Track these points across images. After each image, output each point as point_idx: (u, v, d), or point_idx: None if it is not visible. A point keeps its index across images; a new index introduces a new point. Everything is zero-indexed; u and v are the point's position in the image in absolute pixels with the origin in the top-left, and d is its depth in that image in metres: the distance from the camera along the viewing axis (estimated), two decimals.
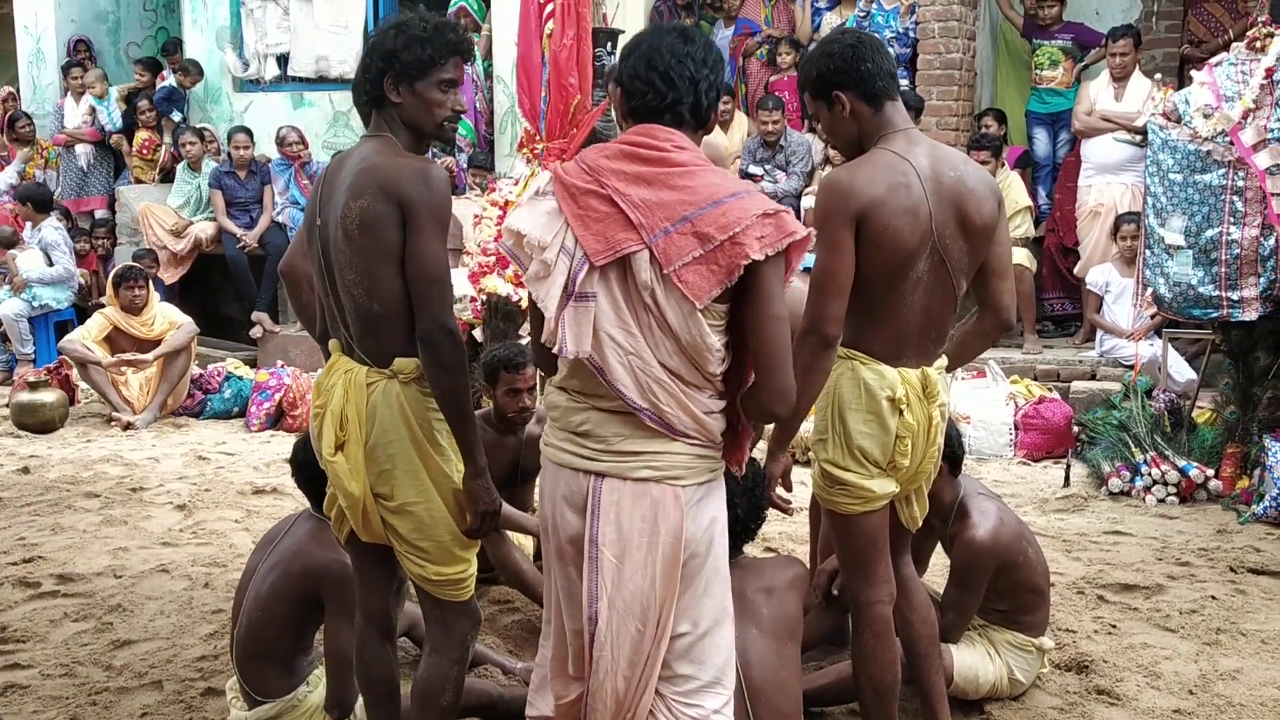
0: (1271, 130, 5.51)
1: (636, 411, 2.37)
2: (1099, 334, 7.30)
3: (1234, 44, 5.95)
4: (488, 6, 9.29)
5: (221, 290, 9.67)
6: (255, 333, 8.82)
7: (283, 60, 10.18)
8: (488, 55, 9.21)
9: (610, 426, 2.41)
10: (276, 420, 7.47)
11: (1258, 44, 5.66)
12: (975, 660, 3.49)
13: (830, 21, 8.95)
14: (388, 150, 2.73)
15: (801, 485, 3.60)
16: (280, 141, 9.12)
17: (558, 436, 2.49)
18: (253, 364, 8.42)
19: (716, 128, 2.69)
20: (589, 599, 2.44)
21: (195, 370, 7.96)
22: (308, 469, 3.15)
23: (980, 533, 3.38)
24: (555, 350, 2.39)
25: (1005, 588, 3.49)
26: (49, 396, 7.52)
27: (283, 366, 7.78)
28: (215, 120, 10.24)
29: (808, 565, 3.52)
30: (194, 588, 4.57)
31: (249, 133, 9.16)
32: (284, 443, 7.01)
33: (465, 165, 9.11)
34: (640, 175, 2.37)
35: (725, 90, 2.48)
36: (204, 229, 9.12)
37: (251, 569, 3.46)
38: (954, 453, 3.39)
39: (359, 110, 2.83)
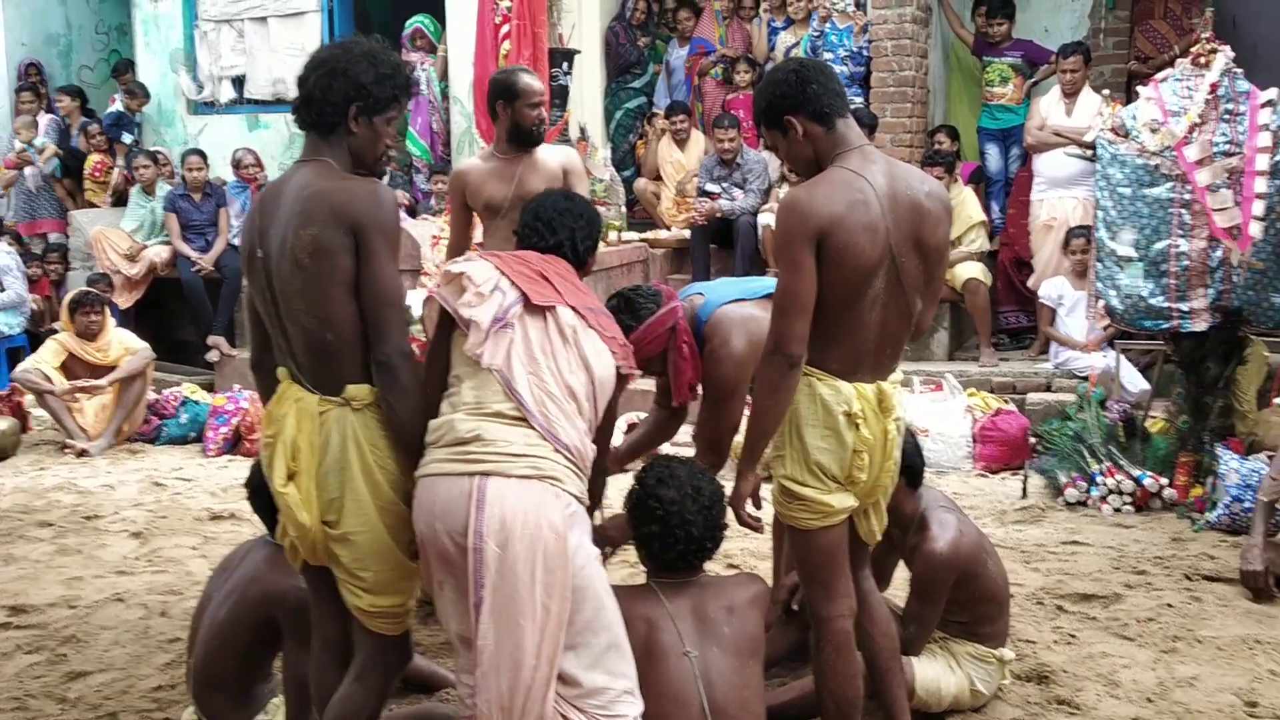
0: (1217, 145, 5.61)
1: (529, 417, 2.64)
2: (1053, 346, 7.38)
3: (1179, 60, 6.05)
4: (443, 27, 9.30)
5: (177, 314, 9.56)
6: (212, 356, 8.73)
7: (238, 83, 10.13)
8: (444, 76, 9.21)
9: (502, 434, 2.62)
10: (234, 445, 7.39)
11: (1202, 60, 5.76)
12: (937, 672, 3.51)
13: (785, 41, 9.03)
14: (331, 174, 2.72)
15: (766, 502, 3.61)
16: (236, 164, 9.07)
17: (438, 455, 2.64)
18: (209, 388, 8.33)
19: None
20: (474, 588, 2.53)
21: (151, 395, 7.87)
22: (263, 494, 3.13)
23: (940, 545, 3.40)
24: (472, 354, 2.67)
25: (965, 599, 3.51)
26: (0, 424, 7.41)
27: (240, 390, 7.70)
28: (169, 143, 10.16)
29: (771, 582, 3.53)
30: (150, 616, 4.51)
31: (203, 155, 9.08)
32: (242, 467, 6.94)
33: (423, 185, 9.10)
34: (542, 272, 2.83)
35: (596, 240, 3.07)
36: (158, 253, 9.02)
37: (208, 596, 3.42)
38: (913, 465, 3.42)
39: (300, 126, 2.80)
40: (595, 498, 3.01)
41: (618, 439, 3.76)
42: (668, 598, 2.84)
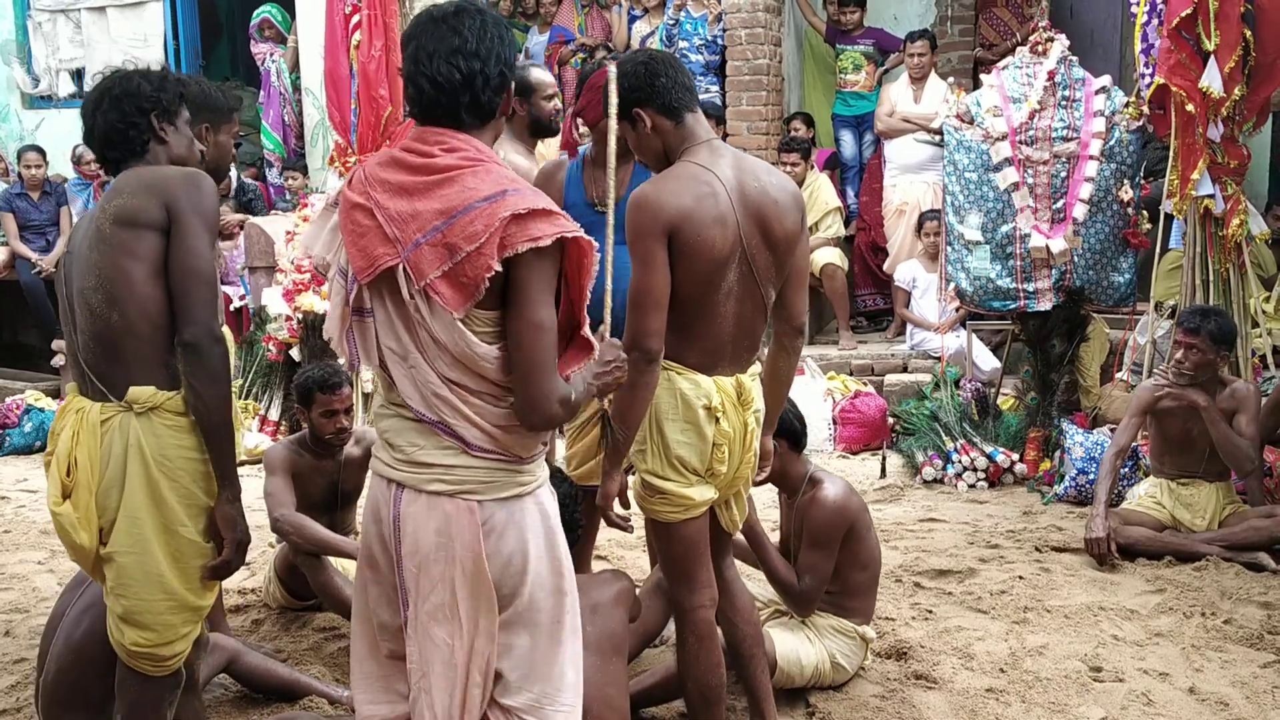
0: (1055, 130, 5.82)
1: (428, 425, 2.30)
2: (909, 328, 7.57)
3: (1019, 48, 6.27)
4: (293, 18, 9.06)
5: (17, 318, 9.16)
6: (57, 361, 8.37)
7: (77, 75, 9.71)
8: (295, 68, 8.98)
9: (407, 435, 2.33)
10: None
11: (1040, 48, 5.98)
12: (796, 644, 3.58)
13: (640, 30, 9.05)
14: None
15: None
16: (77, 160, 8.70)
17: (379, 444, 2.41)
18: (55, 394, 7.99)
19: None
20: (400, 605, 2.37)
21: None
22: None
23: (833, 494, 3.53)
24: (347, 367, 2.38)
25: (844, 562, 3.58)
26: None
27: None
28: (3, 139, 9.70)
29: (649, 570, 3.53)
30: None
31: (41, 151, 8.69)
32: None
33: (276, 179, 8.87)
34: (402, 185, 2.27)
35: (511, 67, 2.34)
36: None
37: (60, 612, 3.28)
38: (794, 430, 3.52)
39: (114, 171, 2.71)
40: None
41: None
42: None
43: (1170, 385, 4.75)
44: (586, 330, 2.40)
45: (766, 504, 5.05)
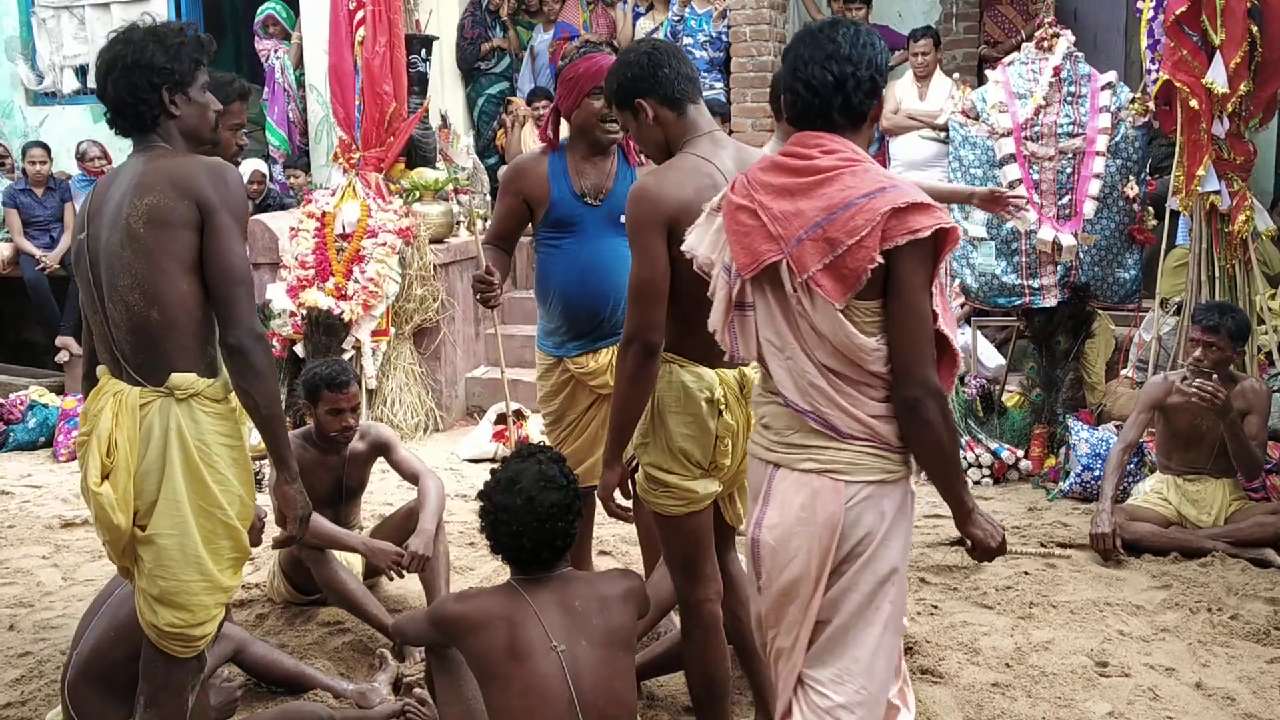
0: (1061, 126, 5.81)
1: (800, 414, 2.39)
2: None
3: (1025, 44, 6.26)
4: (297, 14, 9.06)
5: (21, 315, 9.15)
6: (61, 358, 8.37)
7: (81, 72, 9.72)
8: (299, 64, 8.98)
9: (783, 420, 2.44)
10: None
11: (1045, 44, 5.97)
12: None
13: (644, 26, 9.04)
14: (170, 154, 2.63)
15: None
16: (81, 156, 8.68)
17: (756, 429, 2.55)
18: (59, 390, 7.99)
19: None
20: (753, 575, 2.50)
21: None
22: None
23: None
24: (727, 357, 2.53)
25: None
26: None
27: None
28: (8, 135, 9.70)
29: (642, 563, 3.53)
30: None
31: (46, 147, 8.69)
32: None
33: (279, 176, 8.86)
34: (785, 187, 2.39)
35: (883, 71, 2.44)
36: None
37: (108, 593, 3.27)
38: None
39: (123, 134, 2.69)
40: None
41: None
42: (530, 594, 2.79)
43: (1200, 395, 4.62)
44: (955, 342, 2.44)
45: None
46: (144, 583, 2.62)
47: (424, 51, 8.04)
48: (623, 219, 3.71)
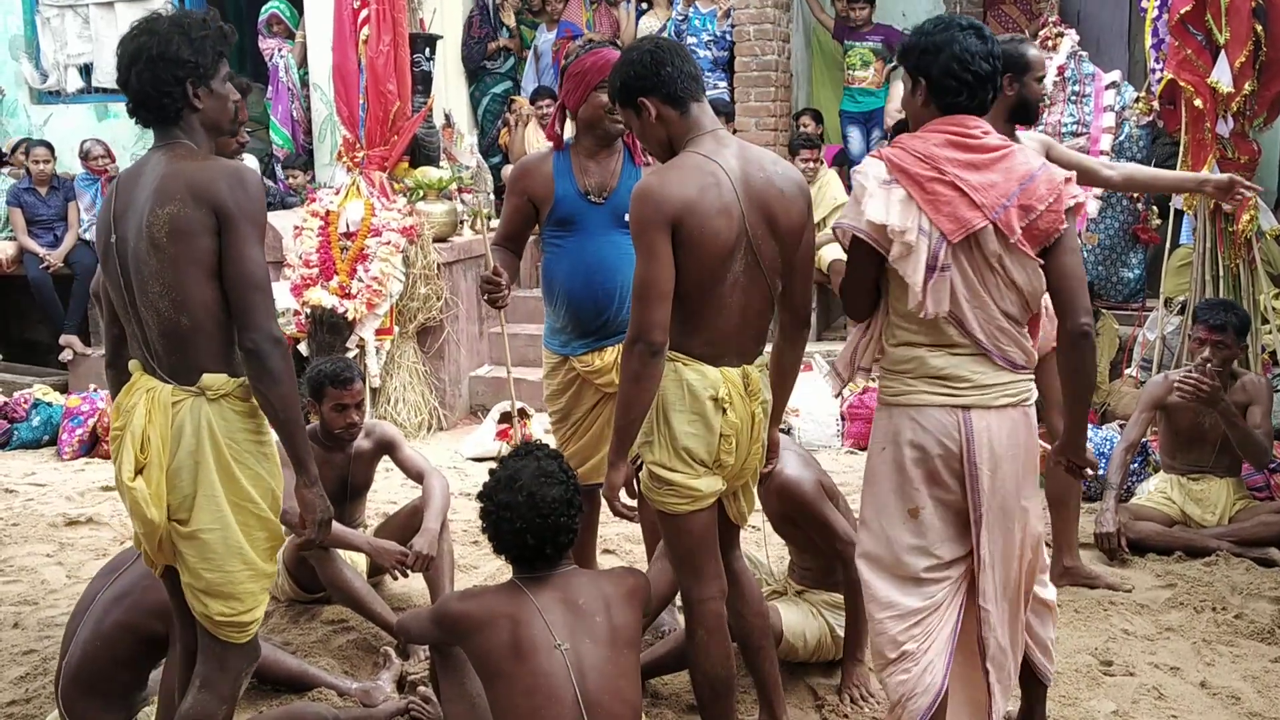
0: (1065, 125, 5.81)
1: (986, 353, 2.78)
2: None
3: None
4: (300, 13, 9.06)
5: (25, 313, 9.16)
6: (65, 356, 8.39)
7: (85, 71, 9.73)
8: (303, 63, 8.98)
9: (967, 367, 2.79)
10: (91, 447, 7.11)
11: (1049, 43, 5.97)
12: (800, 618, 3.64)
13: (647, 25, 9.05)
14: (190, 155, 2.63)
15: None
16: (85, 155, 8.69)
17: (917, 385, 2.82)
18: (63, 389, 8.00)
19: None
20: (972, 507, 2.81)
21: None
22: None
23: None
24: (919, 314, 2.76)
25: (825, 537, 3.58)
26: None
27: (95, 390, 7.42)
28: (12, 134, 9.70)
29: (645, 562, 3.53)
30: (2, 629, 4.32)
31: (49, 146, 8.70)
32: (99, 470, 6.69)
33: (282, 175, 8.86)
34: (972, 162, 2.76)
35: (996, 69, 2.82)
36: (3, 249, 8.62)
37: (90, 598, 3.29)
38: None
39: (145, 125, 2.69)
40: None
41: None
42: (533, 592, 2.79)
43: (1185, 389, 4.63)
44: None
45: None
46: (189, 577, 2.66)
47: (428, 50, 8.05)
48: (627, 217, 3.74)
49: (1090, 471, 3.11)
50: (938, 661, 2.85)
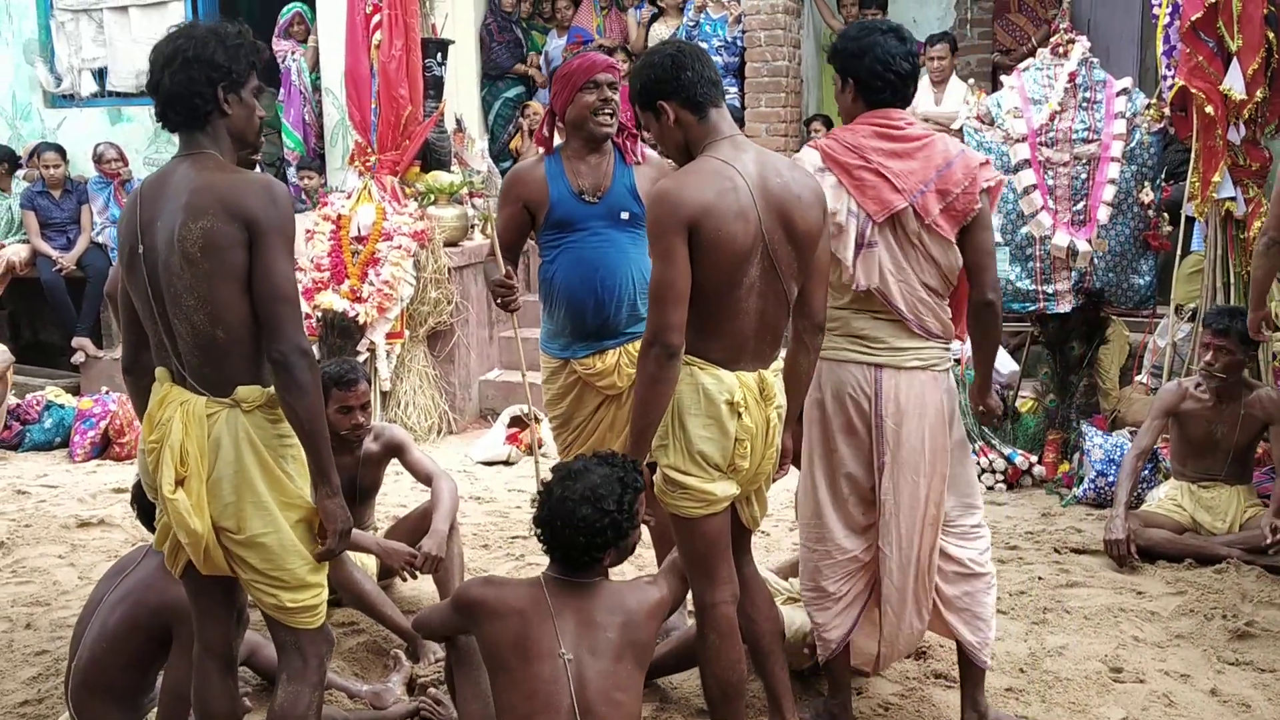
0: (1076, 132, 5.81)
1: (904, 320, 3.12)
2: None
3: (1040, 50, 6.25)
4: (313, 17, 9.09)
5: (38, 315, 9.20)
6: (77, 359, 8.42)
7: (99, 75, 9.77)
8: (315, 67, 9.01)
9: (883, 330, 3.15)
10: (103, 449, 7.14)
11: (1060, 50, 5.97)
12: (804, 617, 3.58)
13: (658, 32, 9.06)
14: (218, 166, 2.65)
15: None
16: (98, 159, 8.72)
17: (839, 342, 3.18)
18: (75, 391, 8.03)
19: None
20: (876, 456, 3.17)
21: (12, 400, 7.55)
22: (149, 503, 3.02)
23: None
24: (851, 286, 3.11)
25: None
26: None
27: (108, 393, 7.45)
28: (26, 137, 9.74)
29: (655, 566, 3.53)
30: (14, 629, 4.34)
31: (61, 150, 8.73)
32: (111, 472, 6.72)
33: (293, 179, 8.89)
34: (894, 151, 3.11)
35: (914, 64, 3.18)
36: (16, 252, 8.65)
37: (96, 600, 3.31)
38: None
39: (171, 129, 2.71)
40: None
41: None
42: (553, 595, 2.78)
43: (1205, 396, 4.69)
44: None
45: (782, 504, 5.05)
46: (253, 576, 2.70)
47: (439, 55, 8.07)
48: (623, 215, 3.75)
49: (997, 411, 3.56)
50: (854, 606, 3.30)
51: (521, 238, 3.92)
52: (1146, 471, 5.25)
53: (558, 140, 3.88)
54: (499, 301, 3.74)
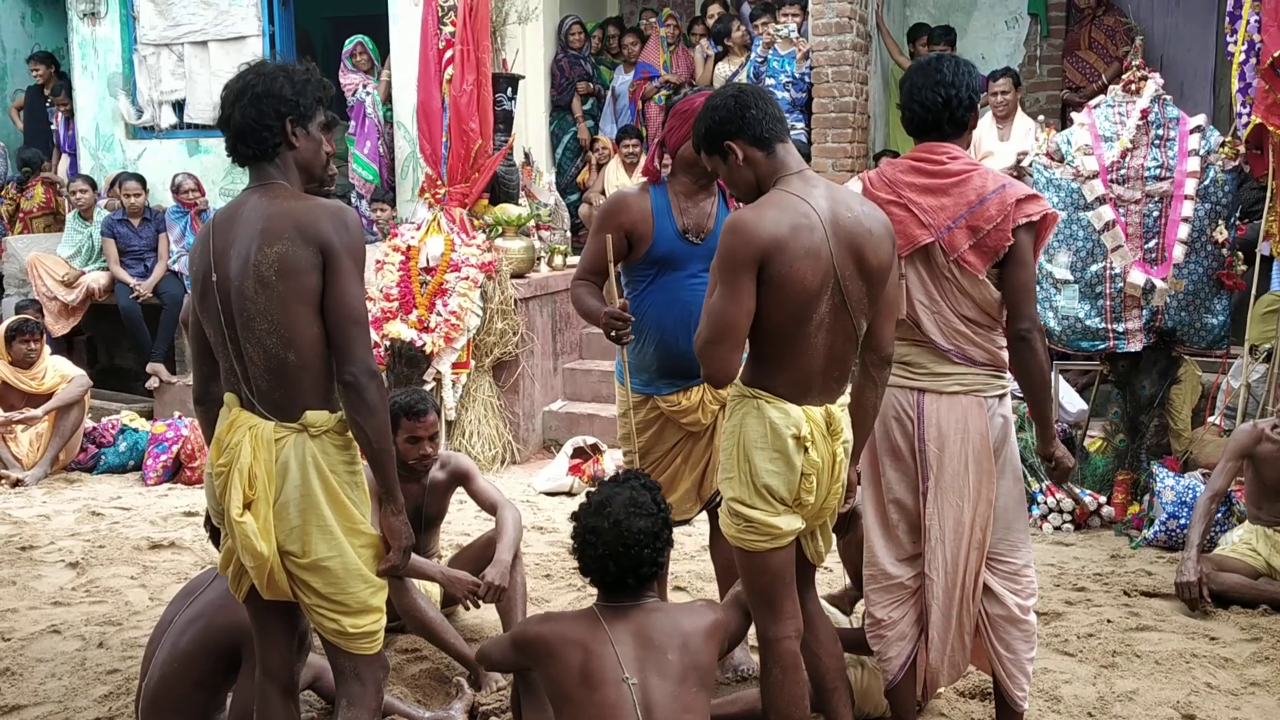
0: (1148, 169, 5.74)
1: (944, 350, 3.17)
2: None
3: (1111, 87, 6.20)
4: (387, 51, 9.27)
5: (115, 341, 9.43)
6: (151, 384, 8.61)
7: (178, 107, 10.03)
8: (387, 100, 9.18)
9: (924, 358, 3.20)
10: (174, 473, 7.28)
11: (1133, 86, 5.91)
12: (867, 676, 3.61)
13: (722, 70, 9.12)
14: (290, 194, 2.72)
15: (701, 521, 3.60)
16: (176, 189, 8.96)
17: (894, 367, 3.16)
18: (149, 416, 8.21)
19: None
20: (920, 480, 3.21)
21: (88, 423, 7.74)
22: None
23: None
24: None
25: None
26: None
27: (180, 418, 7.61)
28: (108, 168, 10.03)
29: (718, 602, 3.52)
30: (87, 648, 4.43)
31: (141, 180, 8.97)
32: (182, 496, 6.85)
33: (365, 212, 9.04)
34: (927, 186, 3.16)
35: (977, 92, 3.22)
36: (96, 279, 8.90)
37: (168, 620, 3.37)
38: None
39: (241, 163, 2.79)
40: None
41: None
42: (609, 622, 2.80)
43: None
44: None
45: None
46: (315, 600, 2.74)
47: (510, 90, 8.19)
48: None
49: (1068, 464, 3.39)
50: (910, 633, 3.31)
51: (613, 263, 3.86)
52: (1220, 515, 5.15)
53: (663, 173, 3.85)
54: (612, 335, 3.58)
